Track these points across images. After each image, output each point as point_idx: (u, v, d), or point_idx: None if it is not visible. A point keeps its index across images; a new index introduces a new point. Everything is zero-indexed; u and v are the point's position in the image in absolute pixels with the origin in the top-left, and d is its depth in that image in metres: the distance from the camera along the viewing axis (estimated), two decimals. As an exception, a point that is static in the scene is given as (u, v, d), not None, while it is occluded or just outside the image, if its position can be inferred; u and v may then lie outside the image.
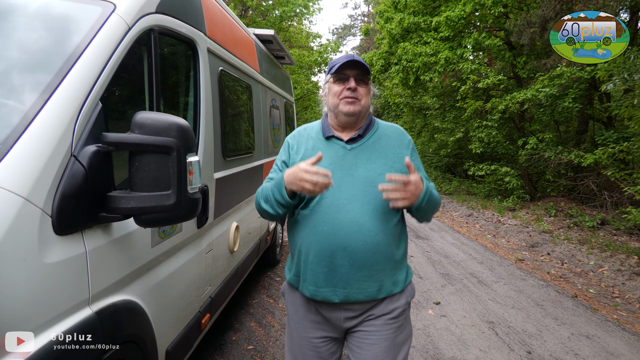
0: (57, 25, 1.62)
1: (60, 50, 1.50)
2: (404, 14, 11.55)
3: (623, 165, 7.39)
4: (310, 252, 1.62)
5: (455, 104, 11.62)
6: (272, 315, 4.08)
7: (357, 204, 1.58)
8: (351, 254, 1.56)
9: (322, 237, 1.58)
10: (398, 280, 1.69)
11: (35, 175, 1.23)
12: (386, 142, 1.72)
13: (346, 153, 1.67)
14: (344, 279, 1.59)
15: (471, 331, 3.75)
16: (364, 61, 1.70)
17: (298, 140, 1.78)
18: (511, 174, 9.52)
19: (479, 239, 7.45)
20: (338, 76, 1.67)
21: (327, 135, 1.71)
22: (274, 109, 5.15)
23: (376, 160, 1.66)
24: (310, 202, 1.63)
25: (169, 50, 2.20)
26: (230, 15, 3.55)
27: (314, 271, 1.63)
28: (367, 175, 1.62)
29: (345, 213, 1.57)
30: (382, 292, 1.65)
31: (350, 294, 1.61)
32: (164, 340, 1.95)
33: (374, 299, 1.64)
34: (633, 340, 3.60)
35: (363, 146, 1.69)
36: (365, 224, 1.57)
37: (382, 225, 1.59)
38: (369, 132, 1.73)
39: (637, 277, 5.11)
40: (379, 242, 1.58)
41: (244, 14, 15.30)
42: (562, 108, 8.43)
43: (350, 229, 1.56)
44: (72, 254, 1.33)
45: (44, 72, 1.43)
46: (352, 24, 40.15)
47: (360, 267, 1.58)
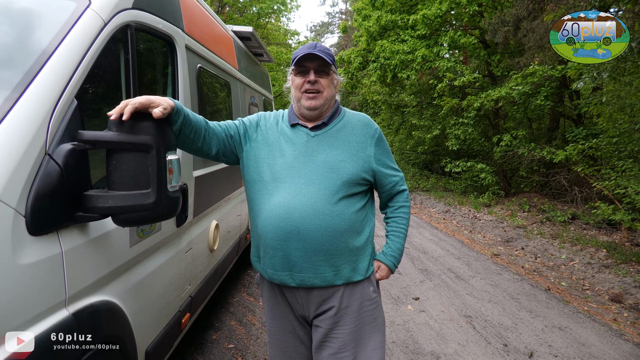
0: (30, 20, 1.58)
1: (33, 46, 1.46)
2: (382, 12, 11.62)
3: (592, 162, 7.64)
4: (267, 235, 1.63)
5: (432, 101, 11.78)
6: (252, 313, 4.06)
7: (314, 187, 1.59)
8: (305, 238, 1.57)
9: (278, 221, 1.59)
10: (358, 267, 1.69)
11: (8, 175, 1.19)
12: (351, 130, 1.73)
13: (309, 139, 1.69)
14: (299, 263, 1.60)
15: (450, 325, 3.82)
16: (328, 49, 1.71)
17: (266, 120, 1.80)
18: (487, 171, 9.72)
19: (456, 235, 7.59)
20: (299, 68, 1.68)
21: (292, 122, 1.74)
22: (252, 107, 5.11)
23: (338, 147, 1.67)
24: (265, 181, 1.65)
25: (146, 47, 2.17)
26: (209, 12, 3.51)
27: (271, 254, 1.64)
28: (328, 160, 1.63)
29: (301, 197, 1.58)
30: (340, 277, 1.64)
31: (305, 278, 1.62)
32: (144, 340, 1.93)
33: (330, 284, 1.64)
34: (603, 330, 3.73)
35: (327, 133, 1.71)
36: (320, 208, 1.57)
37: (339, 210, 1.59)
38: (333, 120, 1.74)
39: (605, 269, 5.30)
40: (335, 226, 1.58)
41: (220, 11, 15.12)
42: (534, 106, 8.65)
43: (305, 213, 1.56)
44: (48, 255, 1.30)
45: (15, 68, 1.39)
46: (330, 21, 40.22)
47: (314, 251, 1.59)
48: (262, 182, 1.66)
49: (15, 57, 1.45)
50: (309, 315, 1.73)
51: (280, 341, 1.83)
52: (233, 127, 1.76)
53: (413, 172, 15.11)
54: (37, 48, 1.45)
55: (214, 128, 1.70)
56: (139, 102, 1.33)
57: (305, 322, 1.79)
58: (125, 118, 1.31)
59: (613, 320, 3.98)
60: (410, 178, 14.23)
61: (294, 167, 1.63)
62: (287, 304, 1.77)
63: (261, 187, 1.67)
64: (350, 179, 1.63)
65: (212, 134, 1.68)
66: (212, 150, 1.69)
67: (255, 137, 1.75)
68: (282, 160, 1.66)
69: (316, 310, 1.70)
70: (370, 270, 1.75)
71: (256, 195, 1.69)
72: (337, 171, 1.61)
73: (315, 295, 1.67)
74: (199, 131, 1.61)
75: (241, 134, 1.75)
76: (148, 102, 1.35)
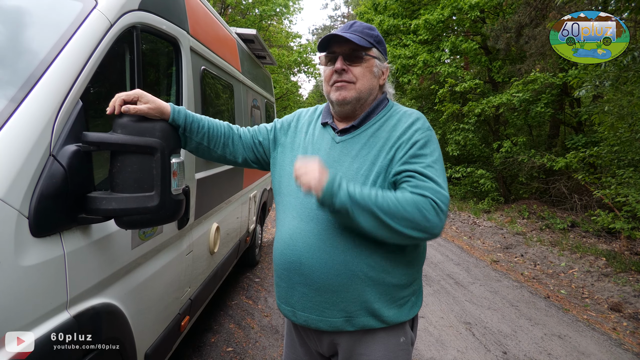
0: (37, 20, 1.57)
1: (39, 47, 1.46)
2: (384, 16, 11.68)
3: (592, 170, 7.65)
4: (274, 260, 1.43)
5: (433, 106, 11.81)
6: (251, 316, 4.05)
7: (325, 211, 1.26)
8: (309, 273, 1.29)
9: (283, 247, 1.36)
10: (383, 315, 1.30)
11: (12, 175, 1.18)
12: (388, 134, 1.33)
13: (333, 146, 1.38)
14: (302, 301, 1.33)
15: (449, 332, 3.81)
16: (368, 28, 1.38)
17: (300, 119, 1.56)
18: (486, 177, 9.73)
19: (456, 241, 7.58)
20: (328, 56, 1.38)
21: (324, 120, 1.46)
22: (255, 109, 5.11)
23: (364, 157, 1.32)
24: (283, 193, 1.43)
25: (152, 48, 2.16)
26: (213, 14, 3.51)
27: (277, 283, 1.43)
28: (347, 175, 1.30)
29: (309, 220, 1.30)
30: (352, 324, 1.31)
31: (310, 320, 1.34)
32: (144, 343, 1.91)
33: (340, 330, 1.33)
34: (602, 340, 3.72)
35: (355, 139, 1.36)
36: (329, 238, 1.27)
37: (356, 242, 1.26)
38: (368, 122, 1.38)
39: (605, 278, 5.29)
40: (347, 262, 1.26)
41: (223, 12, 15.15)
42: (535, 113, 8.68)
43: (310, 242, 1.29)
44: (50, 257, 1.29)
45: (21, 69, 1.38)
46: (332, 24, 40.24)
47: (319, 290, 1.29)
48: (281, 194, 1.44)
49: (22, 57, 1.45)
50: (324, 352, 1.46)
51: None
52: (263, 132, 1.57)
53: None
54: (43, 48, 1.44)
55: (242, 134, 1.55)
56: (126, 94, 1.31)
57: (321, 357, 1.51)
58: (110, 112, 1.31)
59: (612, 329, 3.97)
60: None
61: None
62: (299, 336, 1.52)
63: (280, 200, 1.46)
64: None
65: (237, 140, 1.53)
66: (238, 158, 1.54)
67: (283, 142, 1.52)
68: None
69: (330, 349, 1.43)
70: (402, 318, 1.35)
71: (277, 208, 1.49)
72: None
73: (326, 337, 1.39)
74: (216, 139, 1.49)
75: (270, 139, 1.55)
76: (136, 96, 1.31)
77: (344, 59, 1.34)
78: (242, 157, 1.55)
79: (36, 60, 1.40)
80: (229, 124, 1.57)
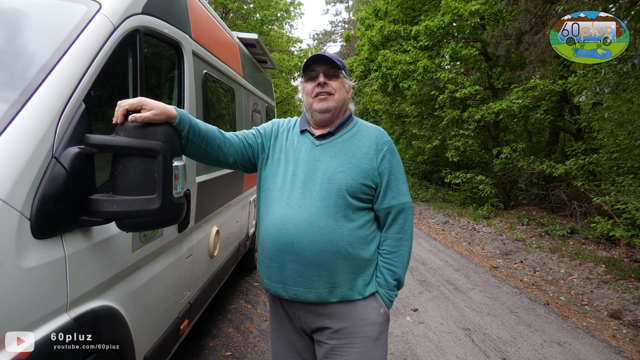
0: (40, 23, 1.58)
1: (43, 49, 1.46)
2: (385, 22, 11.71)
3: (592, 177, 7.66)
4: (264, 245, 1.63)
5: (433, 112, 11.83)
6: (250, 321, 4.03)
7: (311, 199, 1.55)
8: (299, 251, 1.54)
9: (274, 232, 1.58)
10: (356, 285, 1.61)
11: (14, 177, 1.18)
12: (357, 142, 1.67)
13: (313, 149, 1.66)
14: (293, 276, 1.57)
15: (448, 338, 3.80)
16: (333, 55, 1.71)
17: (279, 127, 1.81)
18: (486, 182, 9.73)
19: (455, 246, 7.57)
20: (308, 74, 1.68)
21: (302, 128, 1.72)
22: (255, 113, 5.12)
23: (340, 158, 1.62)
24: (269, 190, 1.66)
25: (154, 52, 2.17)
26: (215, 18, 3.53)
27: (267, 265, 1.63)
28: (327, 171, 1.59)
29: (298, 208, 1.56)
30: (335, 295, 1.58)
31: (299, 292, 1.58)
32: (143, 346, 1.91)
33: (325, 301, 1.58)
34: (602, 347, 3.71)
35: (332, 144, 1.66)
36: (317, 221, 1.53)
37: (338, 224, 1.54)
38: (341, 130, 1.70)
39: (604, 285, 5.29)
40: (332, 240, 1.53)
41: (224, 17, 15.21)
42: (534, 119, 8.69)
43: (300, 225, 1.53)
44: (51, 259, 1.29)
45: (25, 71, 1.39)
46: (332, 30, 40.40)
47: (308, 265, 1.54)
48: (268, 190, 1.66)
49: (26, 59, 1.45)
50: (307, 328, 1.70)
51: (278, 352, 1.82)
52: (251, 136, 1.76)
53: (412, 182, 15.12)
54: (47, 51, 1.45)
55: (231, 138, 1.70)
56: (129, 103, 1.34)
57: (305, 335, 1.75)
58: (116, 121, 1.34)
59: (612, 336, 3.96)
60: (410, 188, 14.22)
61: (296, 177, 1.61)
62: (286, 315, 1.76)
63: (266, 196, 1.67)
64: (349, 191, 1.57)
65: (229, 144, 1.67)
66: (229, 159, 1.69)
67: (269, 145, 1.75)
68: (285, 169, 1.65)
69: (314, 324, 1.66)
70: (370, 291, 1.65)
71: (262, 203, 1.69)
72: (334, 182, 1.56)
73: (310, 310, 1.63)
74: (212, 141, 1.60)
75: (259, 142, 1.75)
76: (139, 104, 1.34)
77: (324, 75, 1.65)
78: (233, 159, 1.71)
79: (40, 62, 1.41)
80: (217, 128, 1.69)
